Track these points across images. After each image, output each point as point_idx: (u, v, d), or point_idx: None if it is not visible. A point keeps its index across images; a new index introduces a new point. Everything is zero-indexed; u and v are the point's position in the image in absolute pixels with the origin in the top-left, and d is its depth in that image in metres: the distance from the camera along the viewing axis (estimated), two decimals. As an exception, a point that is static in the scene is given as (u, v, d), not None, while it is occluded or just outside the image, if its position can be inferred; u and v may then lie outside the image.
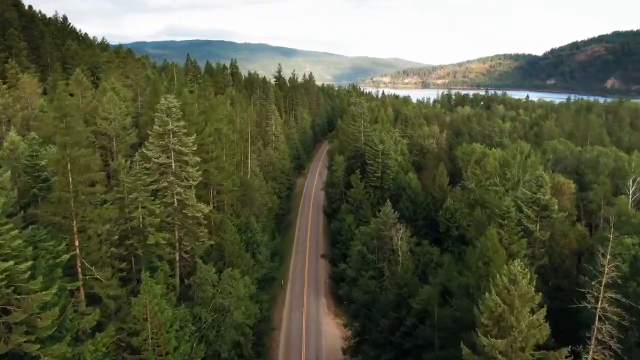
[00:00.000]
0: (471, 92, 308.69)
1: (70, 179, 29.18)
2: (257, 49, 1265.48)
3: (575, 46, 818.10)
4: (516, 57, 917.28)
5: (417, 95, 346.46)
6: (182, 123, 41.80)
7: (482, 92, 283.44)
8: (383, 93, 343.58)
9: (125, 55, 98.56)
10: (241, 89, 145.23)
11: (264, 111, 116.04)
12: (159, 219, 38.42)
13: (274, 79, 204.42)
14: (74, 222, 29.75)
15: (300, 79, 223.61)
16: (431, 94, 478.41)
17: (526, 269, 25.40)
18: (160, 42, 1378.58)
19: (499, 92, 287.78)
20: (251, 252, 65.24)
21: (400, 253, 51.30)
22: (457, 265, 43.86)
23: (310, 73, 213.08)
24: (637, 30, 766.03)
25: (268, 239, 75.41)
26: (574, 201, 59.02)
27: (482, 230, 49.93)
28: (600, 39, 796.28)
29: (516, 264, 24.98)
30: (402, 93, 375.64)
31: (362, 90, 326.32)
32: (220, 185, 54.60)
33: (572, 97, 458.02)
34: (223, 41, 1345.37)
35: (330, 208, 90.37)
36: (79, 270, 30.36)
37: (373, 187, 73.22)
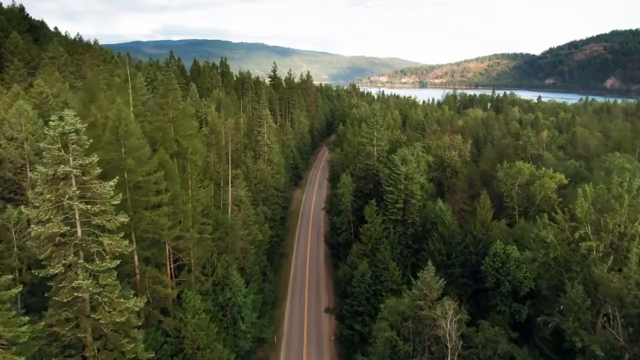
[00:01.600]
0: (476, 92, 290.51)
1: None
2: (253, 49, 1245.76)
3: (574, 45, 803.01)
4: (514, 57, 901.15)
5: (415, 95, 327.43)
6: (92, 159, 23.50)
7: (488, 92, 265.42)
8: (383, 93, 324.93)
9: (83, 50, 79.63)
10: (231, 90, 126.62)
11: (256, 117, 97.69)
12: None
13: (269, 79, 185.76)
14: None
15: (297, 79, 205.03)
16: (431, 94, 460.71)
17: None
18: (156, 42, 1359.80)
19: (506, 92, 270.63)
20: (230, 319, 47.19)
21: (448, 342, 33.59)
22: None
23: (308, 72, 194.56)
24: (636, 30, 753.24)
25: (256, 290, 57.35)
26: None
27: (581, 321, 31.93)
28: (599, 38, 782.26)
29: None
30: (400, 93, 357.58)
31: (363, 91, 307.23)
32: (179, 240, 36.32)
33: (572, 96, 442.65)
34: (219, 40, 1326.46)
35: (335, 239, 72.13)
36: None
37: (392, 220, 55.04)
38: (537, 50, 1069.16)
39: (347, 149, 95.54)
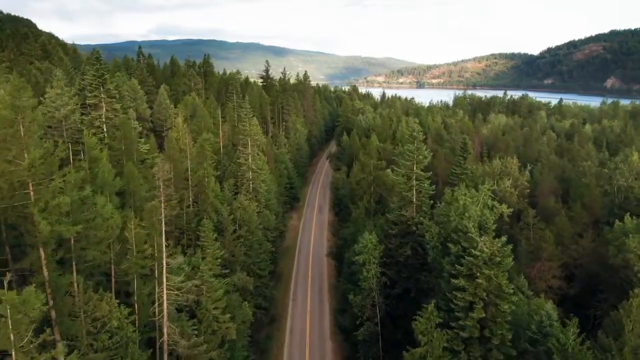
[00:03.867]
0: (486, 93, 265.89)
1: None
2: (248, 48, 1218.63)
3: (573, 45, 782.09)
4: (512, 57, 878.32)
5: (413, 95, 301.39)
6: None
7: (499, 93, 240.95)
8: (384, 94, 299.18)
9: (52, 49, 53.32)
10: (210, 95, 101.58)
11: (239, 131, 72.75)
12: None
13: (261, 80, 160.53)
14: None
15: (292, 79, 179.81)
16: (430, 95, 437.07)
17: None
18: (151, 42, 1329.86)
19: (518, 93, 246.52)
20: None
21: None
22: None
23: (305, 72, 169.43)
24: (635, 29, 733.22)
25: None
26: None
27: None
28: (598, 38, 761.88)
29: None
30: (397, 93, 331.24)
31: (364, 91, 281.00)
32: None
33: (572, 97, 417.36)
34: (214, 40, 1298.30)
35: (350, 323, 47.17)
36: None
37: (464, 339, 30.11)
38: (535, 50, 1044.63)
39: (359, 175, 70.57)
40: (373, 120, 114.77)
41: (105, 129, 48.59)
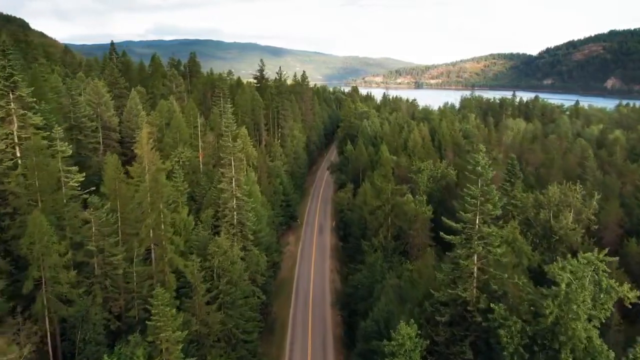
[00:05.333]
0: (487, 94, 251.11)
1: None
2: (246, 48, 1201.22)
3: (572, 45, 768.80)
4: (510, 57, 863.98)
5: (411, 95, 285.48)
6: None
7: (499, 94, 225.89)
8: (384, 95, 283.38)
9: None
10: (189, 99, 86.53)
11: (221, 147, 57.38)
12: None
13: (254, 81, 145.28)
14: None
15: (290, 80, 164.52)
16: (429, 95, 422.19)
17: None
18: (148, 42, 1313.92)
19: (521, 93, 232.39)
20: None
21: None
22: None
23: (304, 73, 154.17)
24: (635, 29, 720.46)
25: None
26: None
27: None
28: (597, 38, 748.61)
29: None
30: (398, 94, 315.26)
31: (367, 93, 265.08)
32: None
33: (572, 97, 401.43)
34: (211, 40, 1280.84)
35: None
36: None
37: None
38: (533, 51, 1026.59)
39: (373, 203, 55.34)
40: (381, 126, 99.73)
41: (18, 153, 33.60)
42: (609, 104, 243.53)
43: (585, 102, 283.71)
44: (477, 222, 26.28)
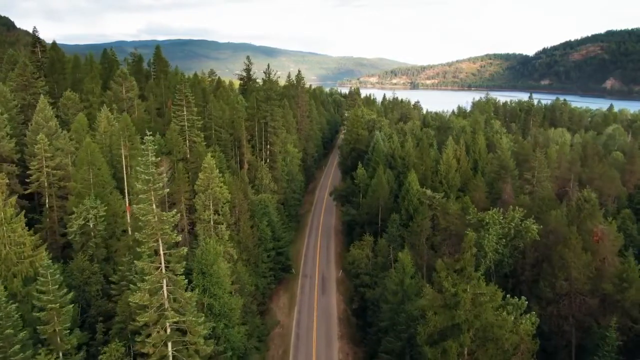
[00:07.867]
0: (504, 97, 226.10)
1: None
2: (240, 49, 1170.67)
3: (569, 45, 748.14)
4: (507, 57, 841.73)
5: (407, 96, 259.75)
6: None
7: (524, 97, 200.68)
8: (384, 96, 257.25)
9: None
10: (155, 104, 60.25)
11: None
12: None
13: (240, 82, 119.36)
14: None
15: (283, 81, 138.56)
16: (424, 95, 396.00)
17: None
18: (141, 42, 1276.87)
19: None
20: None
21: None
22: None
23: (299, 72, 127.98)
24: (632, 30, 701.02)
25: None
26: None
27: None
28: (595, 39, 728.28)
29: None
30: (394, 95, 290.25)
31: (368, 94, 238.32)
32: None
33: (572, 98, 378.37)
34: (205, 40, 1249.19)
35: None
36: None
37: None
38: (530, 51, 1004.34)
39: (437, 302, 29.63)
40: (400, 145, 73.53)
41: None
42: (609, 105, 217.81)
43: (585, 103, 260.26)
44: None
